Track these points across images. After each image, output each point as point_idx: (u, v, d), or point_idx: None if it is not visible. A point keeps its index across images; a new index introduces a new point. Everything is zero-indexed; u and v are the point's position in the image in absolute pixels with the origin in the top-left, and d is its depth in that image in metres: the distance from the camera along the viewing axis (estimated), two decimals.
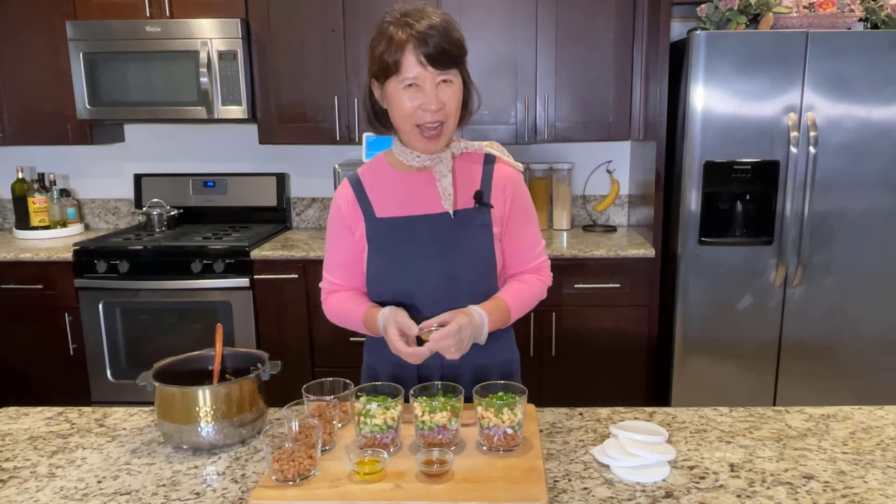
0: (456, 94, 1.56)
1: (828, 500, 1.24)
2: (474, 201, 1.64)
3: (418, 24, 1.51)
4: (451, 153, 1.65)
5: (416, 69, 1.51)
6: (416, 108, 1.53)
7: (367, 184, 1.69)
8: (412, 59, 1.50)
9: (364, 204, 1.67)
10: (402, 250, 1.63)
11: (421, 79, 1.51)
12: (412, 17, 1.53)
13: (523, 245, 1.72)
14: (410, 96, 1.53)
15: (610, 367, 3.34)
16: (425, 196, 1.64)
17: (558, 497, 1.26)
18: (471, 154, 1.69)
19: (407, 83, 1.52)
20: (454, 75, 1.56)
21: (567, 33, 3.37)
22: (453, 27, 1.55)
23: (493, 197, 1.66)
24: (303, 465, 1.26)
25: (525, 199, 1.72)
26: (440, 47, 1.50)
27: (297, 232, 3.90)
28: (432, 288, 1.62)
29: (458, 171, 1.66)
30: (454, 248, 1.62)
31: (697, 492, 1.27)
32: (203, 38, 3.36)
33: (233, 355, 1.62)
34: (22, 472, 1.38)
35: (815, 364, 3.17)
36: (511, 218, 1.68)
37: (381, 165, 1.72)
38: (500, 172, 1.68)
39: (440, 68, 1.52)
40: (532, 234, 1.73)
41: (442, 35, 1.51)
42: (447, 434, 1.37)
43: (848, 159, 2.98)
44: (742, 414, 1.60)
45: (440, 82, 1.53)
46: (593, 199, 3.92)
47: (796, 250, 3.05)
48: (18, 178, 3.85)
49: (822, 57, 2.90)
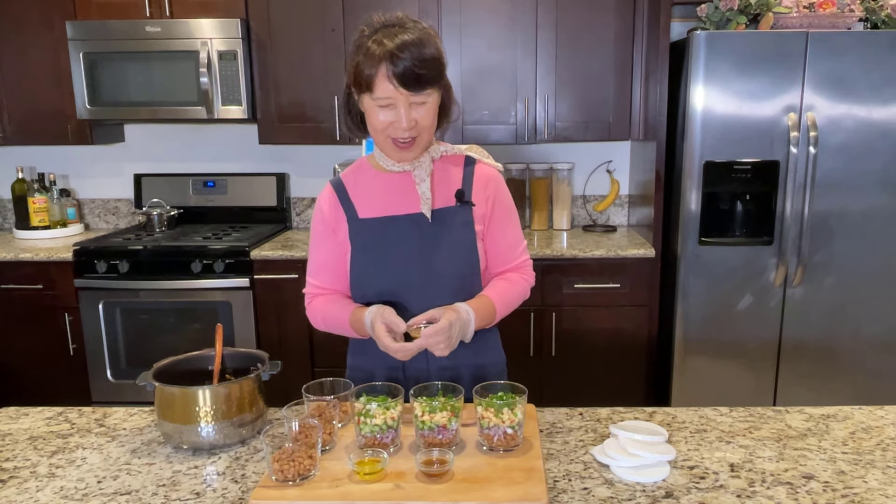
0: (430, 111, 1.56)
1: (828, 500, 1.24)
2: (455, 199, 1.66)
3: (392, 41, 1.48)
4: (430, 157, 1.65)
5: (388, 90, 1.50)
6: (389, 125, 1.54)
7: (350, 186, 1.71)
8: (384, 80, 1.49)
9: (346, 205, 1.69)
10: (386, 250, 1.65)
11: (393, 98, 1.51)
12: (387, 34, 1.50)
13: (506, 244, 1.73)
14: (384, 113, 1.54)
15: (610, 367, 3.34)
16: (407, 196, 1.65)
17: (558, 497, 1.26)
18: (451, 157, 1.70)
19: (380, 102, 1.53)
20: (428, 94, 1.54)
21: (567, 33, 3.37)
22: (429, 43, 1.52)
23: (475, 195, 1.68)
24: (303, 466, 1.26)
25: (506, 199, 1.74)
26: (412, 71, 1.48)
27: (296, 232, 3.90)
28: (416, 287, 1.64)
29: (438, 173, 1.68)
30: (437, 247, 1.64)
31: (697, 492, 1.27)
32: (203, 38, 3.36)
33: (233, 355, 1.62)
34: (22, 471, 1.39)
35: (815, 364, 3.17)
36: (493, 217, 1.70)
37: (363, 167, 1.73)
38: (481, 172, 1.70)
39: (413, 90, 1.51)
40: (514, 233, 1.75)
41: (416, 57, 1.48)
42: (447, 434, 1.37)
43: (848, 159, 2.98)
44: (742, 414, 1.60)
45: (413, 103, 1.53)
46: (593, 199, 3.92)
47: (796, 250, 3.05)
48: (18, 177, 3.85)
49: (822, 57, 2.90)
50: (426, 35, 1.53)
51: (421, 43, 1.50)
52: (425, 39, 1.51)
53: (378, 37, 1.50)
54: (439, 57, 1.53)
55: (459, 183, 1.68)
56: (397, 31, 1.51)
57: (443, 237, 1.64)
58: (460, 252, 1.65)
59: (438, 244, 1.64)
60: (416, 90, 1.51)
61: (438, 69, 1.54)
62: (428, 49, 1.50)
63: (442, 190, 1.67)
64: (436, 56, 1.52)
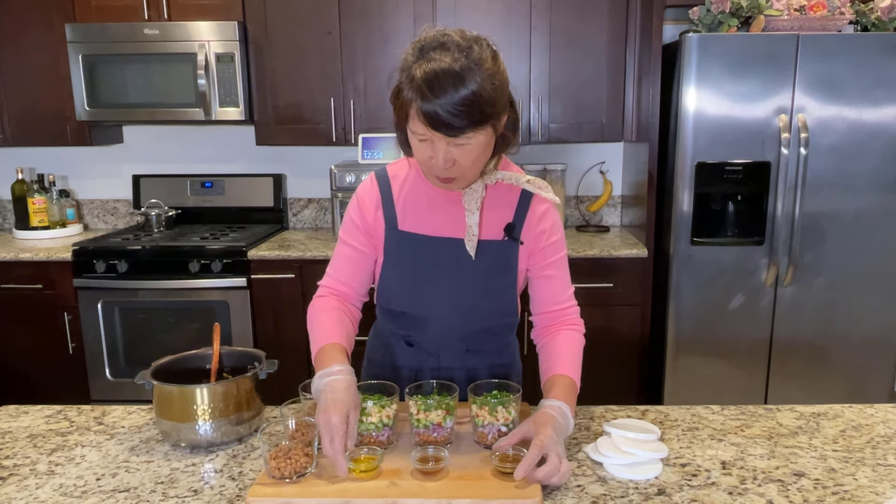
0: (473, 152, 1.33)
1: (818, 498, 1.25)
2: (504, 234, 1.52)
3: (422, 71, 1.25)
4: (483, 185, 1.48)
5: (421, 127, 1.29)
6: (428, 158, 1.35)
7: (396, 188, 1.56)
8: (417, 117, 1.28)
9: (388, 210, 1.54)
10: (419, 270, 1.54)
11: (429, 136, 1.30)
12: (426, 59, 1.26)
13: (555, 286, 1.59)
14: (421, 148, 1.35)
15: (603, 365, 3.35)
16: (454, 217, 1.51)
17: (552, 494, 1.26)
18: (509, 186, 1.52)
19: (417, 137, 1.33)
20: (468, 137, 1.29)
21: (560, 35, 3.39)
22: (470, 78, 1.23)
23: (525, 233, 1.53)
24: (299, 463, 1.26)
25: (560, 238, 1.57)
26: (442, 116, 1.24)
27: (293, 232, 3.91)
28: (445, 314, 1.56)
29: (489, 199, 1.51)
30: (474, 280, 1.52)
31: (689, 489, 1.28)
32: (201, 41, 3.38)
33: (230, 354, 1.62)
34: (21, 469, 1.38)
35: (806, 363, 3.19)
36: (545, 253, 1.55)
37: (413, 171, 1.55)
38: (537, 207, 1.53)
39: (446, 134, 1.28)
40: (564, 276, 1.60)
41: (447, 99, 1.23)
42: (442, 432, 1.38)
43: (838, 160, 3.00)
44: (734, 412, 1.61)
45: (451, 143, 1.31)
46: (586, 200, 3.94)
47: (787, 250, 3.07)
48: (18, 178, 3.86)
49: (812, 59, 2.92)
50: (470, 65, 1.25)
51: (458, 78, 1.24)
52: (466, 72, 1.24)
53: (419, 62, 1.27)
54: (483, 94, 1.25)
55: (511, 215, 1.52)
56: (434, 57, 1.26)
57: (483, 271, 1.52)
58: (498, 290, 1.55)
59: (477, 277, 1.52)
60: (451, 134, 1.28)
61: (481, 110, 1.26)
62: (467, 86, 1.24)
63: (491, 219, 1.51)
64: (477, 95, 1.24)
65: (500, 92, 1.30)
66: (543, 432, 1.27)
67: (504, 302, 1.57)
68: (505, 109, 1.35)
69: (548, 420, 1.32)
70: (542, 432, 1.27)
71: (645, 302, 3.32)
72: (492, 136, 1.35)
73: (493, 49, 1.32)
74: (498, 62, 1.31)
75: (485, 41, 1.32)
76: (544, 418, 1.32)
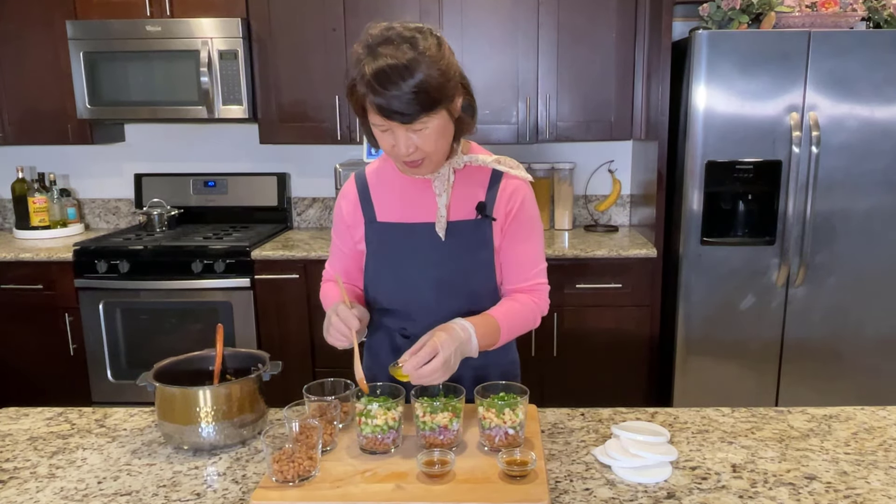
0: (432, 135, 1.41)
1: (830, 501, 1.24)
2: (476, 212, 1.56)
3: (371, 67, 1.33)
4: (450, 168, 1.55)
5: (378, 118, 1.39)
6: (391, 147, 1.44)
7: (373, 184, 1.64)
8: (373, 109, 1.37)
9: (366, 206, 1.63)
10: (399, 258, 1.60)
11: (387, 125, 1.40)
12: (373, 55, 1.34)
13: (519, 260, 1.61)
14: (383, 138, 1.44)
15: (612, 367, 3.33)
16: (427, 203, 1.58)
17: (560, 498, 1.26)
18: (479, 167, 1.59)
19: (376, 129, 1.43)
20: (423, 122, 1.38)
21: (568, 33, 3.37)
22: (416, 68, 1.33)
23: (497, 209, 1.57)
24: (303, 466, 1.26)
25: (529, 213, 1.61)
26: (393, 105, 1.34)
27: (297, 232, 3.89)
28: (427, 297, 1.59)
29: (460, 182, 1.57)
30: (452, 261, 1.57)
31: (699, 492, 1.27)
32: (204, 38, 3.36)
33: (233, 355, 1.62)
34: (22, 472, 1.38)
35: (818, 364, 3.17)
36: (511, 228, 1.59)
37: (388, 165, 1.63)
38: (507, 184, 1.58)
39: (401, 122, 1.37)
40: (531, 250, 1.62)
41: (397, 89, 1.32)
42: (448, 435, 1.37)
43: (850, 159, 2.98)
44: (744, 414, 1.60)
45: (410, 129, 1.40)
46: (595, 199, 3.91)
47: (798, 250, 3.05)
48: (18, 177, 3.85)
49: (824, 56, 2.90)
50: (416, 57, 1.34)
51: (406, 70, 1.33)
52: (413, 64, 1.33)
53: (368, 57, 1.35)
54: (430, 82, 1.34)
55: (483, 194, 1.57)
56: (382, 53, 1.34)
57: (459, 251, 1.57)
58: (475, 268, 1.59)
59: (454, 258, 1.57)
60: (405, 121, 1.37)
61: (430, 96, 1.35)
62: (415, 76, 1.33)
63: (463, 200, 1.57)
64: (425, 83, 1.33)
65: (446, 77, 1.38)
66: (437, 335, 1.40)
67: (485, 279, 1.61)
68: (456, 93, 1.43)
69: (447, 328, 1.43)
70: (436, 335, 1.40)
71: (654, 303, 3.30)
72: (448, 119, 1.43)
73: (438, 37, 1.41)
74: (443, 49, 1.40)
75: (428, 30, 1.40)
76: (445, 326, 1.44)
